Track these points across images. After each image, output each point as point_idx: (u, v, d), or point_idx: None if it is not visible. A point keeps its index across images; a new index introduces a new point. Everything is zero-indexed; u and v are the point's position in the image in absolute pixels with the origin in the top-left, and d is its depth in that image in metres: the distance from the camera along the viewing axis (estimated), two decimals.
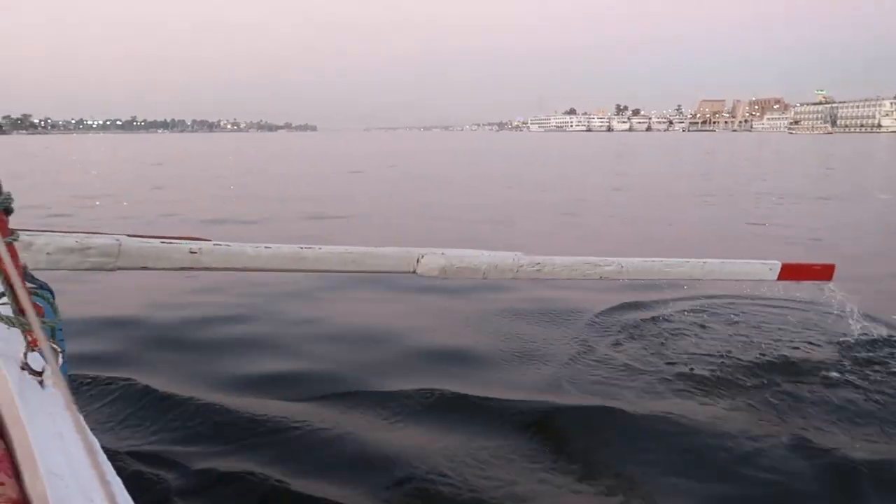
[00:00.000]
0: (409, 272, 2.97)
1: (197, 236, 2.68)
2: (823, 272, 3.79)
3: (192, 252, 2.53)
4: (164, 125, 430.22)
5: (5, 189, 1.24)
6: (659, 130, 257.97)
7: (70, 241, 2.24)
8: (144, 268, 2.48)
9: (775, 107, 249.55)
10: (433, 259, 2.95)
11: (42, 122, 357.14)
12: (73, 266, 2.28)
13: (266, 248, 2.68)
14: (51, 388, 1.14)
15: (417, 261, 2.95)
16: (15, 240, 1.17)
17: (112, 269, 2.41)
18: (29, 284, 1.39)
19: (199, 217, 11.31)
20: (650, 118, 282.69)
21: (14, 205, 1.25)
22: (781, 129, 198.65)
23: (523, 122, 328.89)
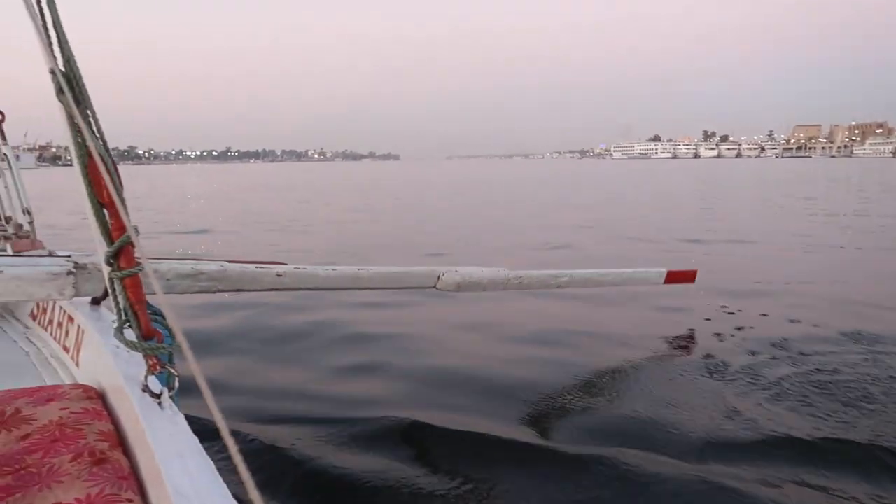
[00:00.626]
0: (431, 287, 3.55)
1: (277, 261, 3.05)
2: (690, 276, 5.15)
3: (278, 275, 2.83)
4: (256, 155, 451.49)
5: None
6: (749, 157, 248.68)
7: (187, 267, 2.42)
8: (240, 290, 2.75)
9: (878, 131, 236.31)
10: (450, 276, 3.55)
11: (146, 153, 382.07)
12: (185, 290, 2.46)
13: (333, 269, 3.14)
14: (168, 410, 1.21)
15: (438, 277, 3.54)
16: (140, 270, 1.25)
17: (214, 292, 2.62)
18: (147, 311, 1.49)
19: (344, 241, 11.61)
20: (740, 144, 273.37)
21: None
22: (886, 155, 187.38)
23: (606, 150, 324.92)
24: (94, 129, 1.26)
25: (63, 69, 1.28)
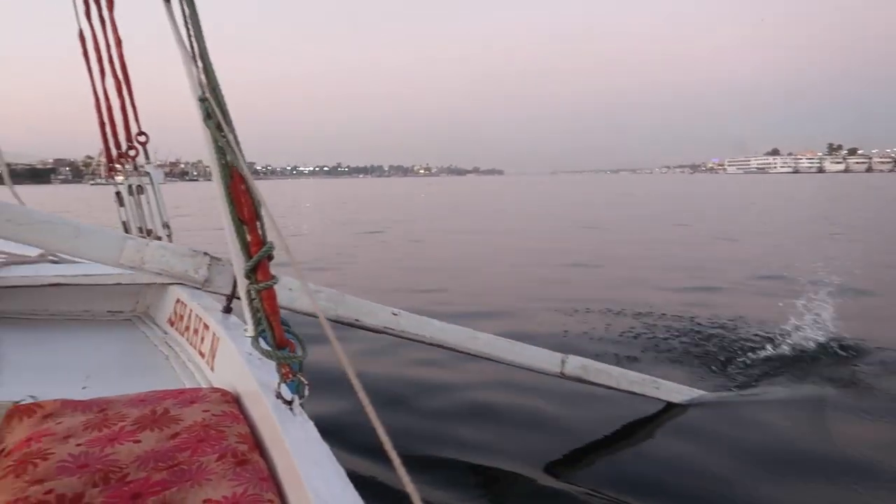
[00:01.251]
0: (555, 374, 3.29)
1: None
2: None
3: (393, 314, 2.82)
4: (364, 170, 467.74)
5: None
6: (882, 171, 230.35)
7: (310, 285, 2.53)
8: (357, 320, 2.78)
9: None
10: (575, 364, 3.29)
11: (263, 169, 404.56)
12: (302, 308, 2.56)
13: (447, 326, 3.01)
14: (300, 417, 1.28)
15: (563, 362, 3.29)
16: (276, 283, 1.34)
17: (334, 320, 2.71)
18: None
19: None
20: (870, 158, 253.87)
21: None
22: None
23: (719, 164, 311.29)
24: (237, 151, 1.36)
25: (209, 97, 1.40)
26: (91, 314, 3.04)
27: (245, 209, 1.31)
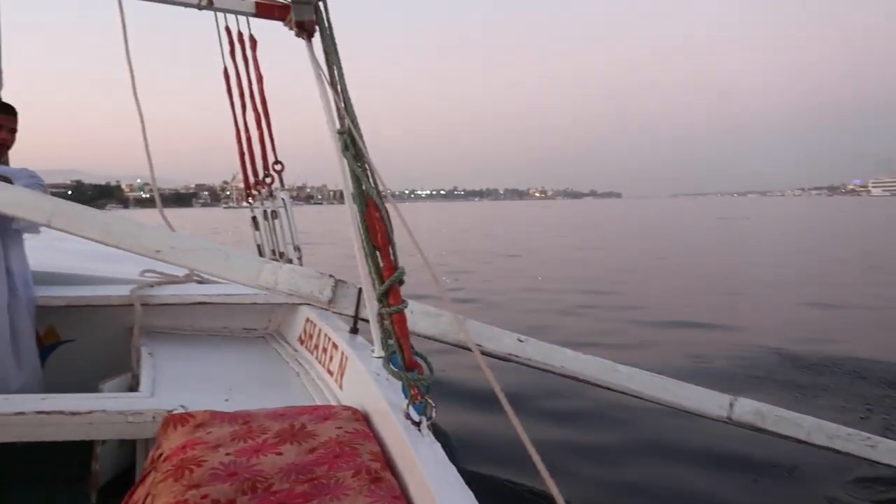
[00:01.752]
0: (721, 418, 2.76)
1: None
2: None
3: (519, 340, 2.70)
4: (480, 194, 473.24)
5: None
6: None
7: (431, 308, 2.59)
8: (478, 345, 2.63)
9: None
10: (747, 405, 2.77)
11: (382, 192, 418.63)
12: (424, 331, 2.61)
13: (581, 356, 2.75)
14: (427, 438, 1.31)
15: (731, 405, 2.75)
16: (406, 307, 1.39)
17: (454, 344, 2.66)
18: None
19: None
20: None
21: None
22: None
23: (861, 186, 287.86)
24: (371, 181, 1.44)
25: (348, 130, 1.49)
26: (229, 331, 3.26)
27: (379, 235, 1.38)
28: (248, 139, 3.99)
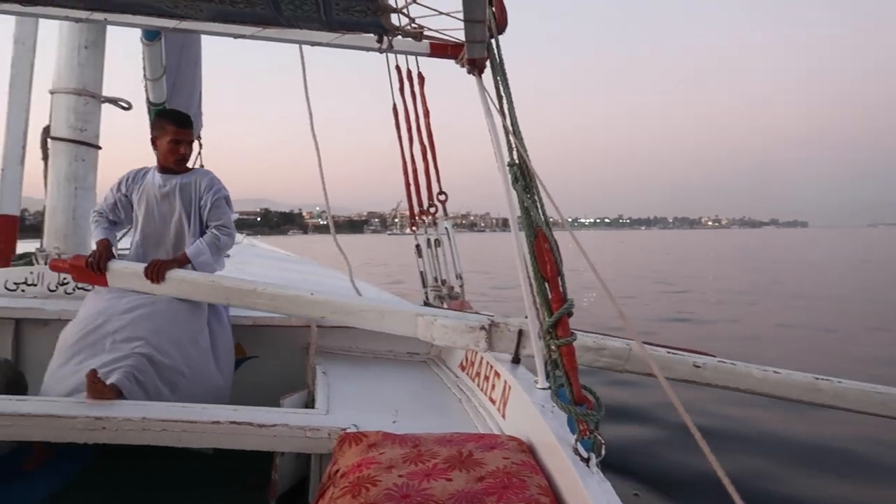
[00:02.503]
0: None
1: (701, 350, 2.71)
2: None
3: (695, 366, 2.55)
4: (647, 222, 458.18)
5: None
6: None
7: (590, 340, 2.52)
8: (649, 374, 2.56)
9: None
10: None
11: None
12: (588, 363, 2.54)
13: (775, 372, 2.58)
14: (597, 475, 1.27)
15: None
16: (574, 339, 1.37)
17: (620, 371, 2.60)
18: None
19: None
20: None
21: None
22: None
23: None
24: (541, 212, 1.44)
25: (518, 163, 1.51)
26: (394, 354, 3.41)
27: (548, 267, 1.37)
28: (415, 171, 4.18)
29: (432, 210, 4.26)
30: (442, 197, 4.18)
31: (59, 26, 3.75)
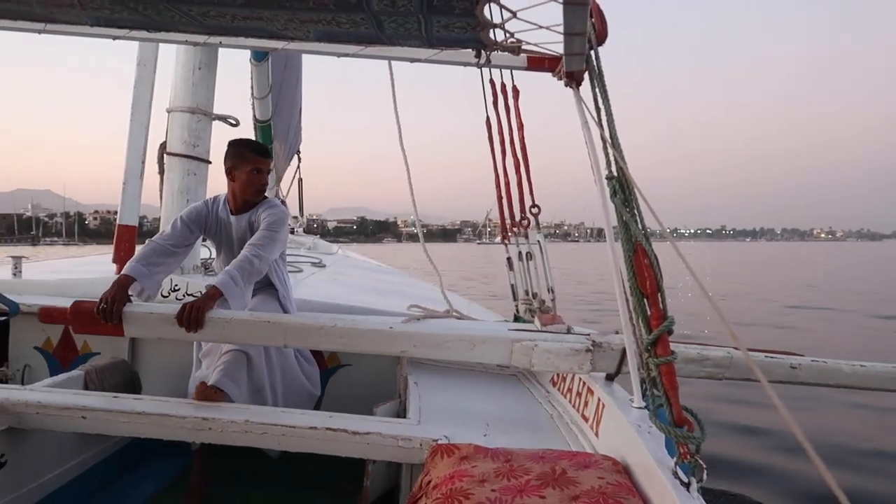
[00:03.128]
0: None
1: (791, 351, 2.72)
2: None
3: (791, 367, 2.56)
4: (752, 234, 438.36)
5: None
6: None
7: (692, 351, 2.45)
8: (747, 379, 2.56)
9: None
10: None
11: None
12: (689, 374, 2.47)
13: (861, 366, 2.61)
14: (697, 501, 1.22)
15: None
16: (675, 358, 1.32)
17: (720, 379, 2.57)
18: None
19: None
20: None
21: None
22: None
23: None
24: (640, 227, 1.41)
25: (616, 175, 1.48)
26: (483, 367, 3.40)
27: (647, 282, 1.34)
28: (507, 183, 4.18)
29: (524, 223, 4.25)
30: (535, 210, 4.16)
31: (176, 49, 4.00)
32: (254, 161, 2.97)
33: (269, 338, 2.46)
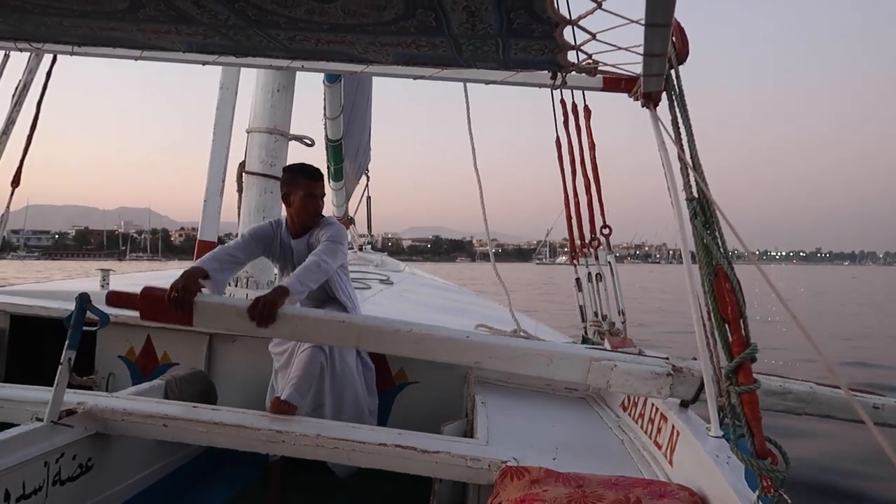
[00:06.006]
0: None
1: (869, 390, 2.65)
2: None
3: (874, 407, 2.45)
4: (850, 257, 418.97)
5: None
6: None
7: (775, 384, 2.36)
8: (828, 416, 2.46)
9: None
10: None
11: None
12: (768, 406, 2.38)
13: None
14: None
15: None
16: (758, 387, 1.28)
17: (799, 414, 2.46)
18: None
19: None
20: None
21: None
22: None
23: None
24: (722, 250, 1.37)
25: (697, 196, 1.45)
26: (551, 388, 3.35)
27: (729, 308, 1.30)
28: (577, 204, 4.14)
29: (594, 243, 4.19)
30: (606, 230, 4.10)
31: (256, 73, 4.17)
32: (306, 186, 3.01)
33: (342, 338, 2.39)
